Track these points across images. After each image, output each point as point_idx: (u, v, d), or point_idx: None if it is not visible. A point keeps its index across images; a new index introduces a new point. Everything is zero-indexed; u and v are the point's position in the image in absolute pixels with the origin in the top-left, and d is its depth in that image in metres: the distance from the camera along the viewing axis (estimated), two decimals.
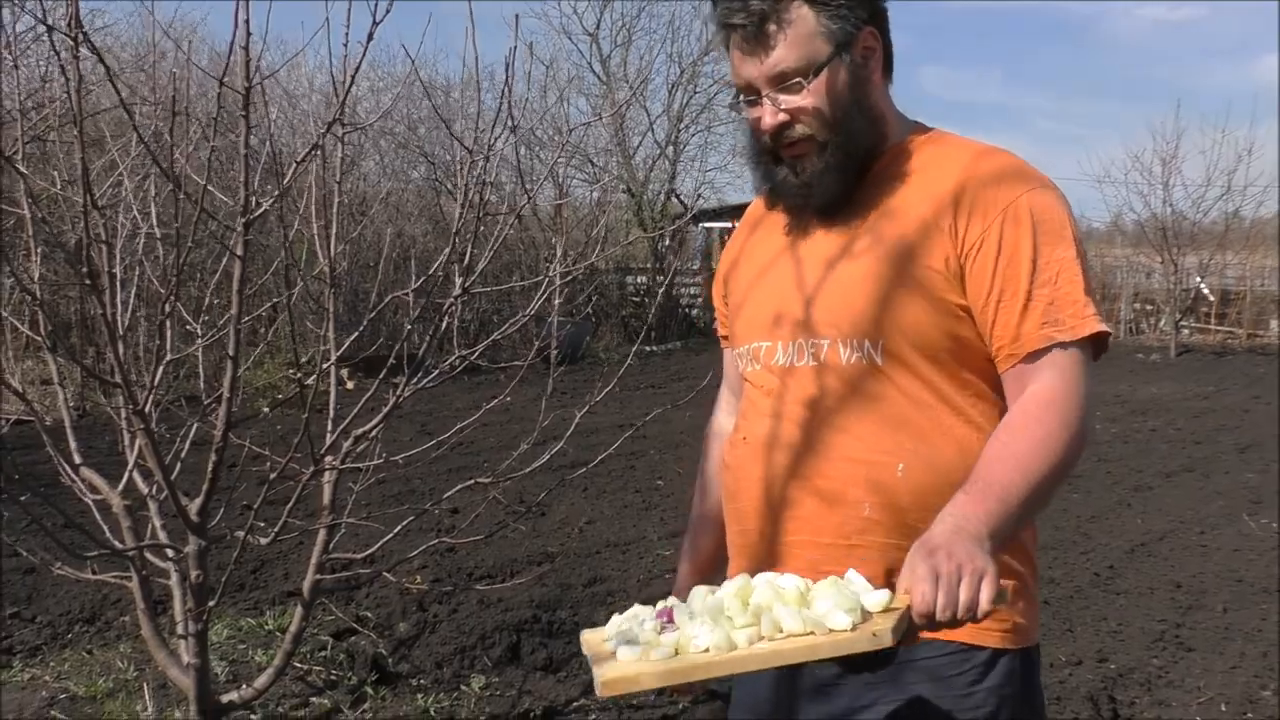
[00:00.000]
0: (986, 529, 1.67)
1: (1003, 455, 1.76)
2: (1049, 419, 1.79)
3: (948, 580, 1.60)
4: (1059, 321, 1.84)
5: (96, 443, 6.47)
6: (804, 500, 1.93)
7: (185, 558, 4.05)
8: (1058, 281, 1.85)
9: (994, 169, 1.91)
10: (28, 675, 4.91)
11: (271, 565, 6.45)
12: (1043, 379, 1.83)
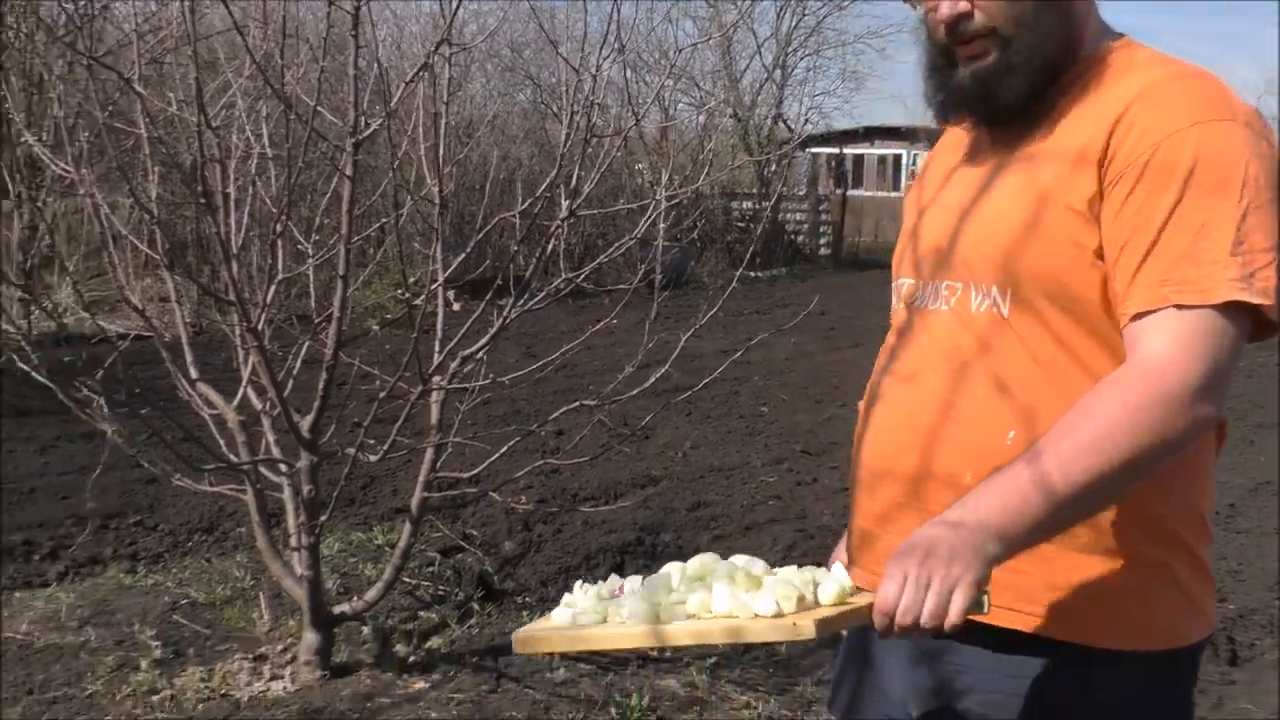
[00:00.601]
0: (995, 528, 1.47)
1: (1058, 438, 1.50)
2: (1134, 397, 1.49)
3: (915, 583, 1.45)
4: (1184, 280, 1.52)
5: (212, 359, 6.63)
6: (906, 464, 1.71)
7: (297, 473, 4.16)
8: (1199, 234, 1.53)
9: (1173, 93, 1.60)
10: (151, 581, 5.10)
11: (380, 482, 6.59)
12: (1150, 346, 1.52)
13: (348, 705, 3.87)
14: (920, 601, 1.44)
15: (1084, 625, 1.62)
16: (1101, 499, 1.53)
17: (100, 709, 3.84)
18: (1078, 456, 1.47)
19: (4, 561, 5.28)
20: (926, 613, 1.44)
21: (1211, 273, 1.52)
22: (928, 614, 1.44)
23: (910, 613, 1.45)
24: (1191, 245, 1.53)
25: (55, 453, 7.11)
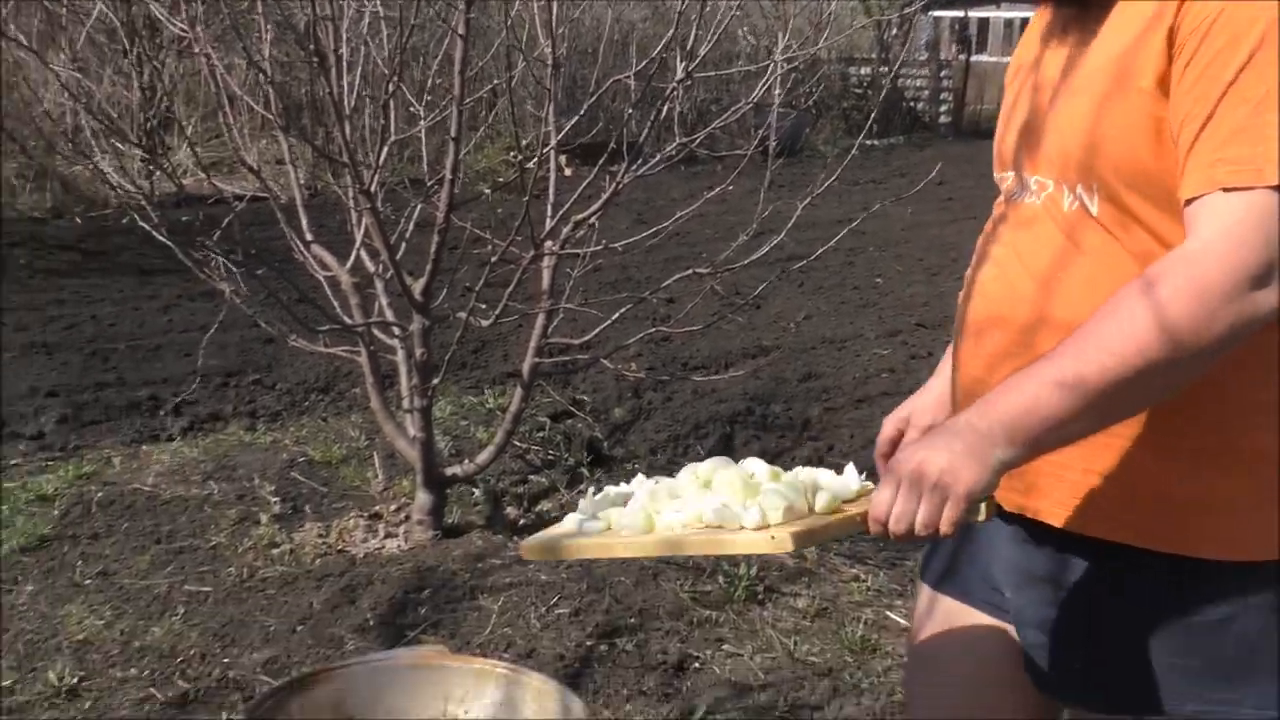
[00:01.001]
0: (1006, 431, 1.40)
1: (1082, 337, 1.40)
2: (1166, 292, 1.36)
3: (907, 491, 1.42)
4: (1239, 159, 1.36)
5: (327, 221, 6.67)
6: (997, 369, 1.59)
7: (410, 336, 4.18)
8: (1261, 104, 1.36)
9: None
10: (269, 438, 5.23)
11: (491, 346, 6.64)
12: (1197, 234, 1.38)
13: (459, 565, 3.93)
14: (912, 511, 1.41)
15: (1187, 536, 1.52)
16: (1136, 398, 1.42)
17: (223, 560, 3.97)
18: (1098, 356, 1.38)
19: (131, 416, 5.45)
20: (919, 522, 1.41)
21: (1269, 150, 1.35)
22: (920, 523, 1.41)
23: (902, 521, 1.42)
24: (1250, 118, 1.37)
25: (178, 311, 7.28)
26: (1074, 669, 1.61)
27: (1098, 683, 1.59)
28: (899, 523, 1.43)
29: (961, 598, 1.78)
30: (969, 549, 1.77)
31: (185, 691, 3.19)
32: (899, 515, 1.42)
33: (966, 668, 1.78)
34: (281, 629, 3.50)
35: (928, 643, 1.83)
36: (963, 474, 1.40)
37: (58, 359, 6.19)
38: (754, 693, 3.37)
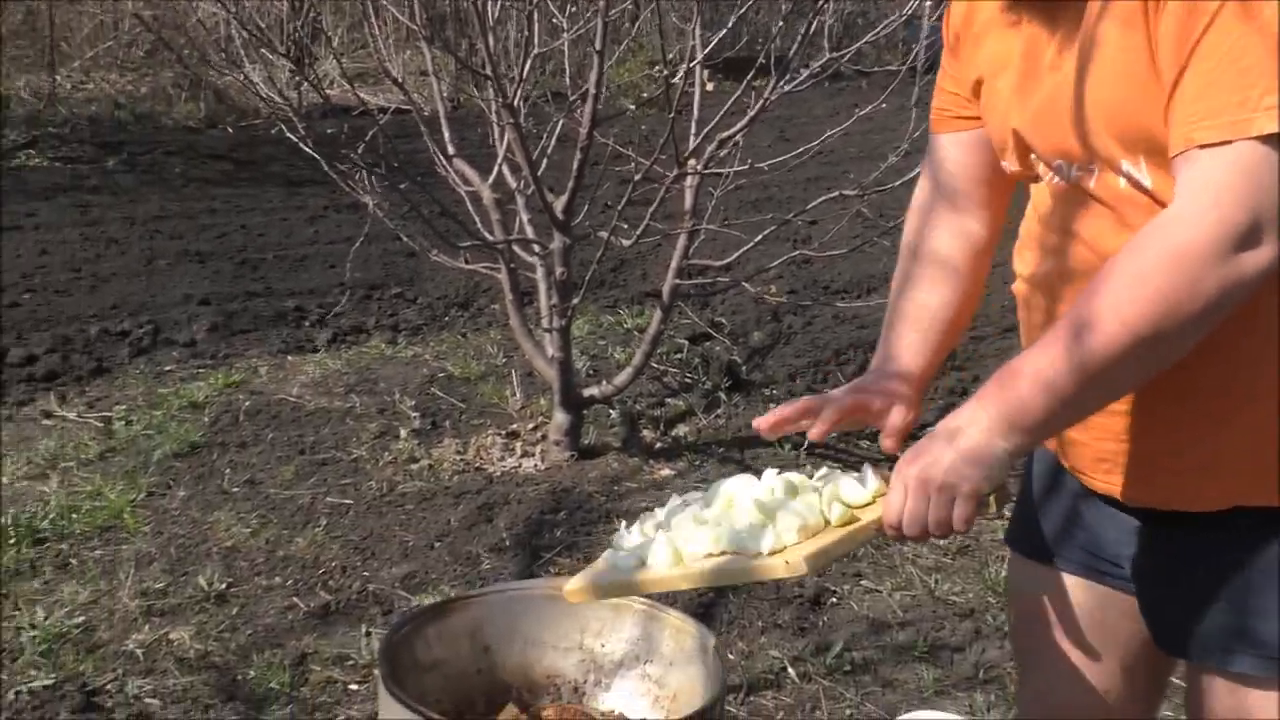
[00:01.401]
0: (1004, 424, 1.39)
1: (1072, 316, 1.36)
2: (1145, 263, 1.30)
3: (916, 494, 1.43)
4: (1212, 112, 1.27)
5: (469, 135, 6.67)
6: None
7: (550, 254, 4.15)
8: (1235, 54, 1.27)
9: None
10: (410, 352, 5.27)
11: (631, 265, 6.57)
12: (1176, 198, 1.31)
13: (595, 487, 3.92)
14: (923, 513, 1.43)
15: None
16: (1134, 371, 1.37)
17: (364, 473, 4.02)
18: (1088, 337, 1.33)
19: (278, 326, 5.55)
20: (931, 523, 1.43)
21: (1246, 99, 1.26)
22: (933, 524, 1.43)
23: (915, 524, 1.44)
24: (1218, 71, 1.28)
25: (324, 223, 7.38)
26: (1196, 627, 1.55)
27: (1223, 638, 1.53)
28: (912, 526, 1.44)
29: (1066, 567, 1.72)
30: (1076, 512, 1.70)
31: (327, 603, 3.24)
32: (911, 519, 1.44)
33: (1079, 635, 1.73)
34: (420, 545, 3.54)
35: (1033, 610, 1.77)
36: (967, 473, 1.40)
37: (210, 267, 6.33)
38: (892, 630, 3.30)
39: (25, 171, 8.35)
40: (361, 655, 3.00)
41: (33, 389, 4.69)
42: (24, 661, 2.91)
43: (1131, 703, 1.74)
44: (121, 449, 4.12)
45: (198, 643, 3.03)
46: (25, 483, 3.86)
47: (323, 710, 2.82)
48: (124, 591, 3.22)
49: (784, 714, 2.93)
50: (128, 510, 3.65)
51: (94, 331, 5.21)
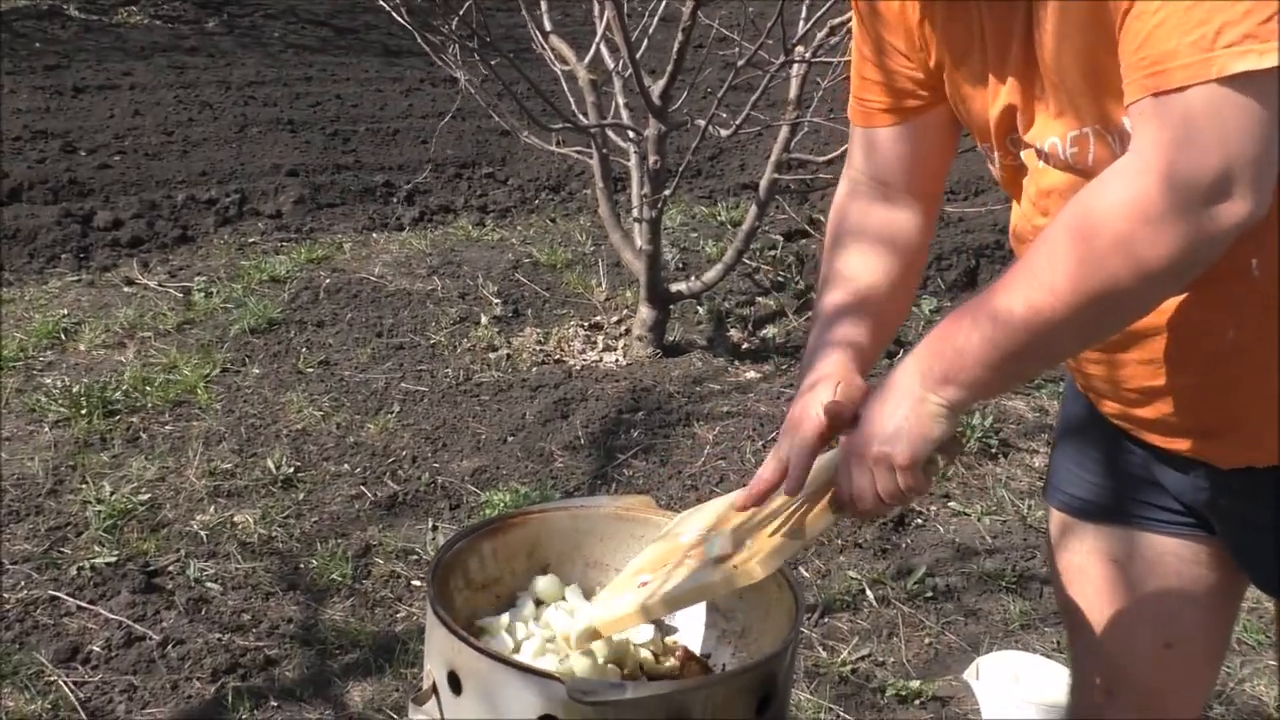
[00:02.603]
0: (934, 384, 1.29)
1: (1018, 270, 1.23)
2: (1097, 216, 1.15)
3: (859, 469, 1.35)
4: (1168, 55, 1.11)
5: (569, 11, 6.45)
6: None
7: (644, 140, 3.96)
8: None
9: None
10: (497, 236, 5.14)
11: (729, 155, 6.35)
12: (1134, 148, 1.15)
13: (676, 387, 3.78)
14: (868, 487, 1.35)
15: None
16: (1081, 335, 1.26)
17: (441, 359, 3.92)
18: (1034, 294, 1.20)
19: (365, 201, 5.45)
20: (883, 494, 1.35)
21: (1201, 37, 1.09)
22: (885, 494, 1.35)
23: (864, 499, 1.36)
24: (1163, 12, 1.11)
25: (419, 96, 7.23)
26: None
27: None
28: (862, 501, 1.37)
29: (1115, 520, 1.60)
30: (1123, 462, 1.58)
31: (394, 493, 3.16)
32: (858, 495, 1.37)
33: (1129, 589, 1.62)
34: (492, 438, 3.44)
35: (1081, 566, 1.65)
36: (899, 442, 1.32)
37: (301, 137, 6.23)
38: (979, 557, 3.14)
39: (125, 29, 8.30)
40: (426, 550, 2.92)
41: (116, 254, 4.65)
42: (88, 537, 2.87)
43: (1196, 649, 1.63)
44: (199, 322, 4.06)
45: (262, 527, 2.97)
46: (102, 351, 3.83)
47: (384, 606, 2.76)
48: (191, 470, 3.18)
49: (859, 638, 2.80)
50: (201, 386, 3.59)
51: (181, 199, 5.15)
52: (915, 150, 1.55)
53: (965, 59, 1.40)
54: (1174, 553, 1.56)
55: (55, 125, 5.96)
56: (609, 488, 3.22)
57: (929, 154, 1.56)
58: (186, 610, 2.66)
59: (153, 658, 2.51)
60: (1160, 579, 1.58)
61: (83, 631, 2.57)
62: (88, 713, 2.37)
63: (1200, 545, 1.54)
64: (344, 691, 2.50)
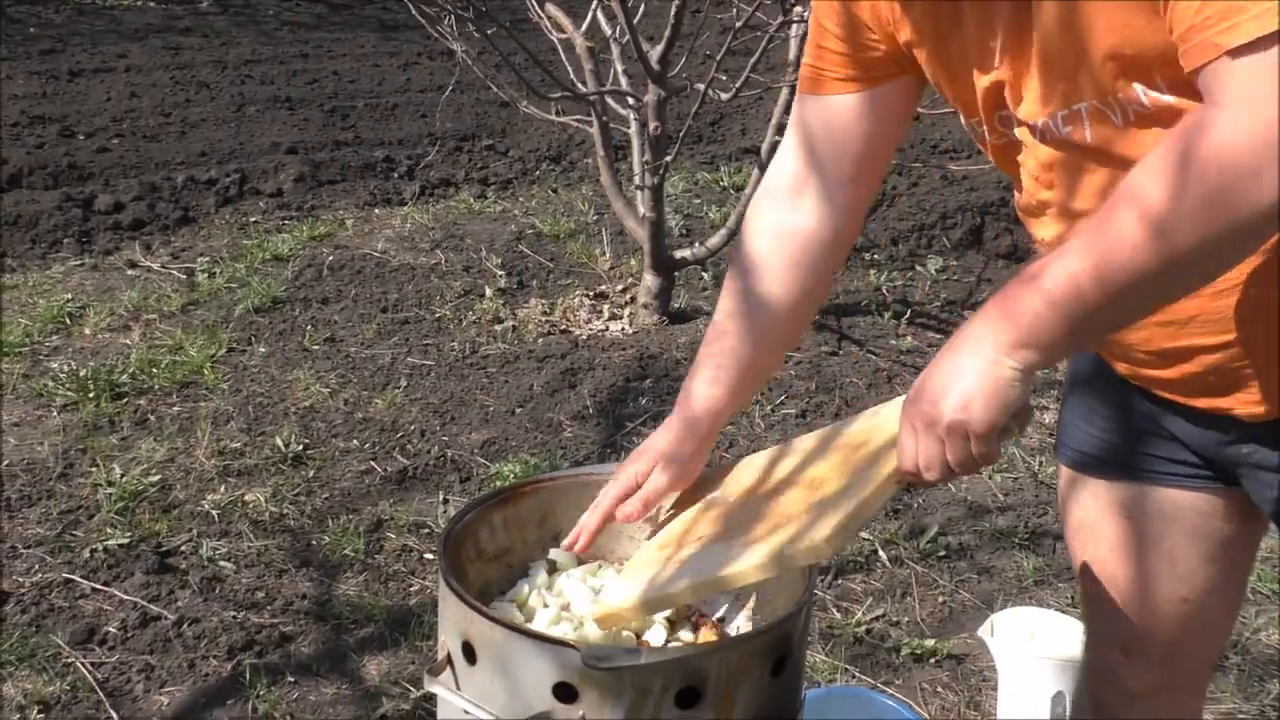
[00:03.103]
0: (1009, 347, 1.21)
1: (1096, 226, 1.17)
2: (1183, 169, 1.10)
3: (928, 435, 1.27)
4: (1233, 8, 1.06)
5: None
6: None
7: (644, 107, 3.93)
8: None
9: None
10: (499, 208, 5.12)
11: (730, 120, 6.32)
12: (1218, 104, 1.09)
13: (684, 353, 3.77)
14: (938, 454, 1.27)
15: None
16: (1165, 290, 1.20)
17: (447, 333, 3.91)
18: (1116, 251, 1.14)
19: (366, 177, 5.42)
20: (953, 464, 1.27)
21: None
22: (956, 464, 1.27)
23: (933, 468, 1.28)
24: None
25: (416, 70, 7.19)
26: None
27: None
28: (930, 470, 1.29)
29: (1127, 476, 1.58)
30: (1129, 431, 1.56)
31: (404, 468, 3.16)
32: (927, 463, 1.29)
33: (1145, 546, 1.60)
34: (500, 410, 3.44)
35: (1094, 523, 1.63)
36: (976, 407, 1.23)
37: (299, 115, 6.21)
38: (991, 515, 3.14)
39: (119, 11, 8.27)
40: (438, 523, 2.92)
41: (118, 237, 4.64)
42: (100, 519, 2.88)
43: (1213, 602, 1.61)
44: (204, 302, 4.05)
45: (273, 505, 2.97)
46: (108, 334, 3.82)
47: (397, 580, 2.76)
48: (201, 450, 3.18)
49: (873, 599, 2.80)
50: (207, 366, 3.59)
51: (181, 180, 5.14)
52: (864, 120, 1.50)
53: (946, 38, 1.36)
54: (1190, 505, 1.54)
55: (52, 110, 5.94)
56: (618, 456, 3.21)
57: (886, 125, 1.51)
58: (200, 589, 2.66)
59: (168, 637, 2.52)
60: (1176, 533, 1.56)
61: (98, 613, 2.58)
62: (106, 693, 2.38)
63: (1216, 497, 1.52)
64: (360, 665, 2.50)
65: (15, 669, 2.41)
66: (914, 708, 2.43)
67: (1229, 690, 2.56)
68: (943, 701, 2.52)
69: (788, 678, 1.45)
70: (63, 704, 2.34)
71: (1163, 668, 1.64)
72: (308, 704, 2.39)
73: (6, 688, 2.37)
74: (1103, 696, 1.71)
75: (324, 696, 2.41)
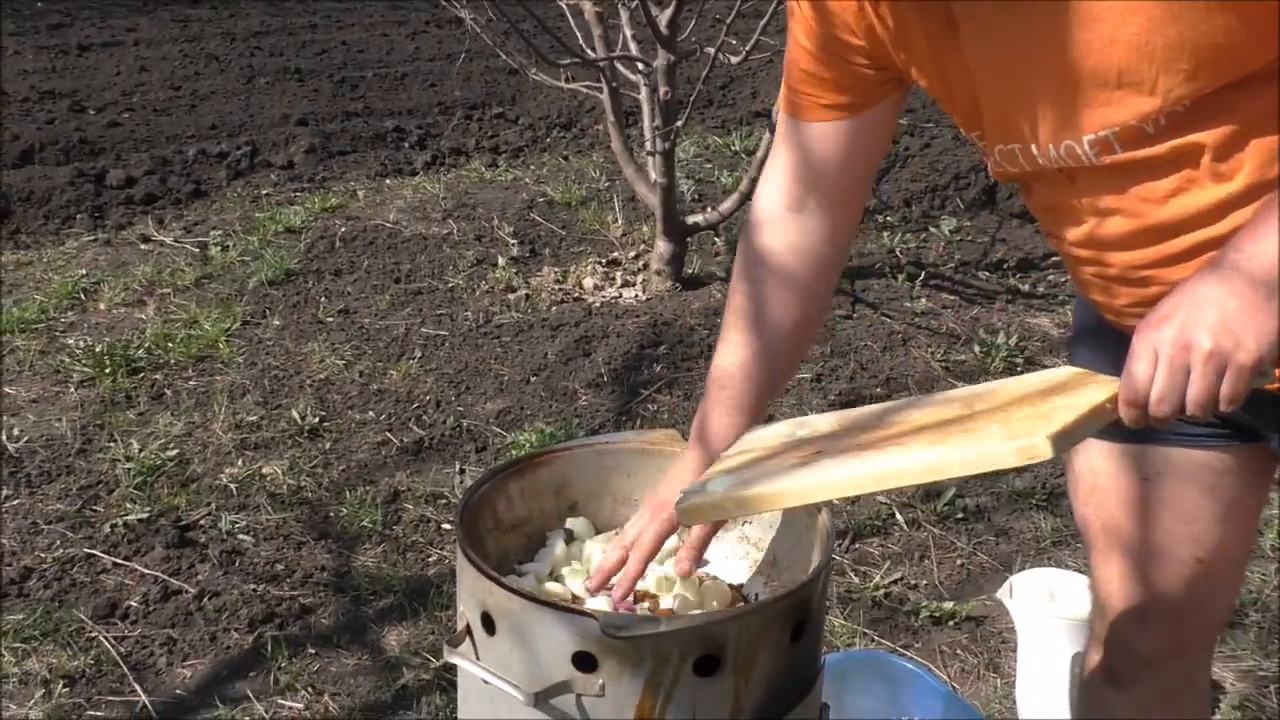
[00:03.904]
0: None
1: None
2: None
3: (1171, 366, 1.12)
4: None
5: None
6: None
7: (654, 72, 3.91)
8: None
9: None
10: (511, 176, 5.11)
11: (740, 83, 6.28)
12: None
13: (697, 319, 3.76)
14: (1179, 387, 1.13)
15: None
16: None
17: (460, 303, 3.91)
18: None
19: (377, 148, 5.41)
20: (1191, 400, 1.12)
21: None
22: (1192, 402, 1.12)
23: (1166, 401, 1.13)
24: None
25: (425, 39, 7.17)
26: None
27: None
28: (1161, 404, 1.14)
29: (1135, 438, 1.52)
30: None
31: (420, 438, 3.17)
32: (1161, 395, 1.14)
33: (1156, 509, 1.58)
34: (515, 379, 3.44)
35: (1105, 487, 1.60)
36: (1245, 335, 1.10)
37: (309, 86, 6.19)
38: (1008, 477, 3.13)
39: None
40: (455, 494, 2.93)
41: (131, 212, 4.65)
42: (120, 494, 2.89)
43: (1225, 561, 1.60)
44: (217, 275, 4.06)
45: (290, 478, 2.98)
46: (122, 309, 3.83)
47: (415, 550, 2.77)
48: (218, 424, 3.19)
49: (890, 562, 2.80)
50: (222, 340, 3.60)
51: (192, 153, 5.13)
52: (852, 145, 1.46)
53: (943, 64, 1.32)
54: (1205, 464, 1.53)
55: (62, 85, 5.93)
56: (634, 424, 3.21)
57: (867, 148, 1.48)
58: (220, 563, 2.68)
59: (190, 610, 2.54)
60: (1192, 493, 1.55)
61: (119, 587, 2.60)
62: (129, 666, 2.39)
63: (1231, 456, 1.51)
64: (379, 636, 2.52)
65: (40, 643, 2.43)
66: (933, 670, 2.43)
67: (1249, 648, 2.56)
68: (962, 664, 2.52)
69: (807, 643, 1.45)
70: (87, 677, 2.36)
71: (1175, 631, 1.63)
72: (329, 675, 2.40)
73: (31, 662, 2.39)
74: (1115, 665, 1.69)
75: (345, 667, 2.43)
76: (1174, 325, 1.13)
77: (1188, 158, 1.24)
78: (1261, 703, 2.43)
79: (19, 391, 3.34)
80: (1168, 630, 1.63)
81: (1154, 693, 1.67)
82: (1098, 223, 1.34)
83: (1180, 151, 1.24)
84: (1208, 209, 1.22)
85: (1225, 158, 1.23)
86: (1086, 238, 1.37)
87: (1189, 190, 1.25)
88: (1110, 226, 1.33)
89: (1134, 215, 1.30)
